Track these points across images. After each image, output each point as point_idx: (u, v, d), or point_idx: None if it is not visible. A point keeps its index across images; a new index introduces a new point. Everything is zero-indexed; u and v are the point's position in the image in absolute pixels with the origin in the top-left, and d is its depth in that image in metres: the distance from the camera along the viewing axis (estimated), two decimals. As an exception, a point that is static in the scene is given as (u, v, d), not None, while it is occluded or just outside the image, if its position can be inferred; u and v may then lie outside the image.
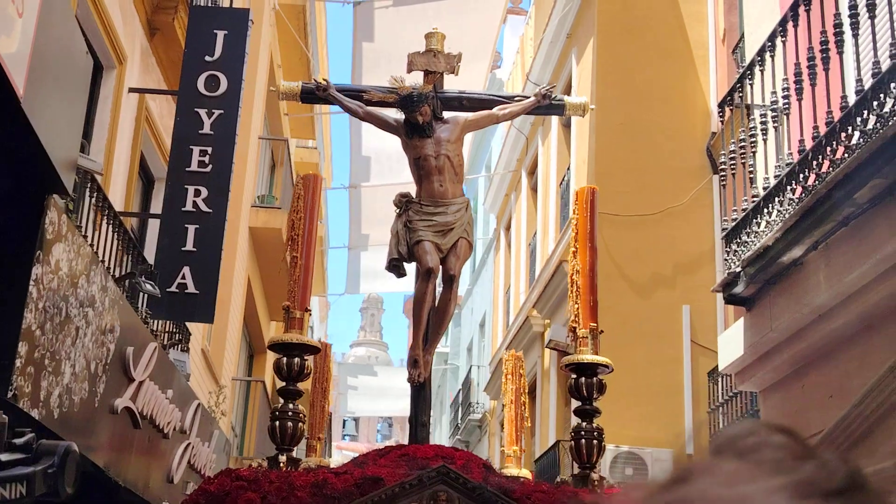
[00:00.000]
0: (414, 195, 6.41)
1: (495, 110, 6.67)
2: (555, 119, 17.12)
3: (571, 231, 5.94)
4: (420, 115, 6.26)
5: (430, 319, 6.27)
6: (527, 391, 8.22)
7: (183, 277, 8.01)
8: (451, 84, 6.80)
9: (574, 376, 5.52)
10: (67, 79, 4.19)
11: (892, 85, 4.31)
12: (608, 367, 5.47)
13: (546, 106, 6.79)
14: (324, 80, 6.80)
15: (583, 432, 5.36)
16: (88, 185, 6.41)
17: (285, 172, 15.90)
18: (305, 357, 5.35)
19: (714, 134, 13.32)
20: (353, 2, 15.10)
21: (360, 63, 15.94)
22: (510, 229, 21.66)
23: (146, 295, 6.79)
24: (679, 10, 14.54)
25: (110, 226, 7.01)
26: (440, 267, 6.20)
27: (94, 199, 6.61)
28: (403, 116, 6.37)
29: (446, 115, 6.52)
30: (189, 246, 8.12)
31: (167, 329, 8.77)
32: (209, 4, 10.09)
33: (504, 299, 21.80)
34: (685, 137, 13.90)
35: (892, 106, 4.28)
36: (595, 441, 5.37)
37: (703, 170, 13.59)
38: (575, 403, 5.69)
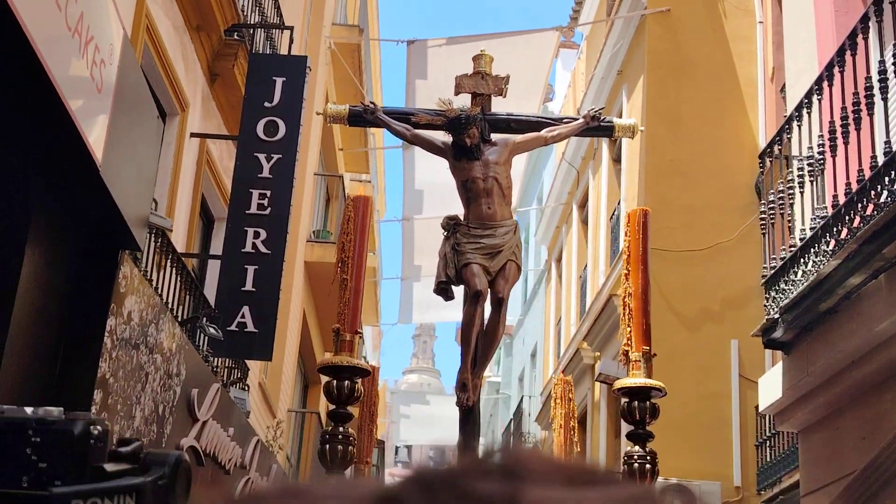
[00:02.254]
0: (462, 218, 6.39)
1: (544, 132, 6.65)
2: (605, 153, 17.34)
3: (623, 257, 5.96)
4: (468, 137, 6.24)
5: (479, 343, 6.24)
6: (576, 416, 8.27)
7: (242, 316, 8.33)
8: (499, 106, 6.78)
9: (626, 400, 5.45)
10: (140, 143, 4.53)
11: (918, 148, 4.51)
12: (661, 390, 5.39)
13: (595, 127, 6.75)
14: (371, 102, 6.85)
15: (636, 456, 5.32)
16: (154, 230, 6.76)
17: (340, 207, 16.28)
18: (356, 380, 5.34)
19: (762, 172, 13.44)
20: (406, 41, 15.43)
21: (413, 100, 16.26)
22: (561, 261, 21.84)
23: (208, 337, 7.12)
24: (728, 49, 14.72)
25: (173, 267, 7.37)
26: (489, 290, 6.15)
27: (158, 242, 6.97)
28: (451, 139, 6.37)
29: (494, 137, 6.50)
30: (248, 286, 8.45)
31: (227, 365, 9.12)
32: (268, 51, 10.50)
33: (555, 331, 21.96)
34: (734, 174, 14.04)
35: (918, 168, 4.48)
36: (648, 465, 5.31)
37: (752, 206, 13.69)
38: (626, 429, 5.67)
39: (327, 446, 5.10)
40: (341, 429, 5.19)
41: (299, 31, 12.99)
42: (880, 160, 4.91)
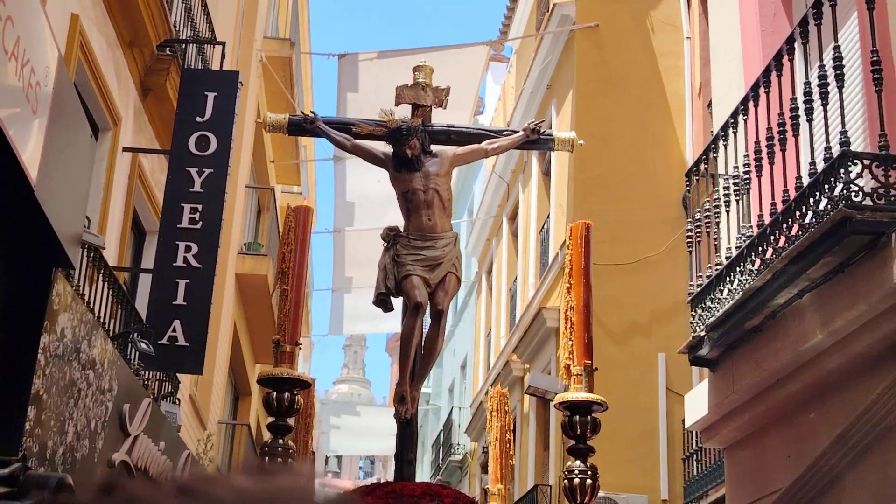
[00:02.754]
0: (402, 229, 6.34)
1: (484, 144, 6.62)
2: (535, 167, 17.52)
3: (565, 271, 5.93)
4: (409, 148, 6.21)
5: (418, 355, 6.19)
6: (512, 429, 8.28)
7: (174, 330, 8.29)
8: (434, 118, 6.71)
9: (567, 414, 5.41)
10: (74, 162, 4.51)
11: (842, 171, 4.66)
12: (602, 405, 5.37)
13: (535, 140, 6.75)
14: (311, 112, 6.74)
15: (577, 471, 5.28)
16: (87, 247, 6.70)
17: (271, 219, 16.23)
18: (296, 392, 5.26)
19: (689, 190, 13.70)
20: (337, 54, 15.45)
21: (344, 113, 16.25)
22: (491, 273, 21.99)
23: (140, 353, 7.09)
24: (656, 64, 14.98)
25: (105, 282, 7.32)
26: (428, 302, 6.13)
27: (90, 257, 6.91)
28: (392, 150, 6.32)
29: (434, 148, 6.45)
30: (180, 300, 8.41)
31: (158, 378, 9.06)
32: (200, 65, 10.46)
33: (485, 342, 22.09)
34: (661, 188, 14.28)
35: (841, 190, 4.63)
36: (589, 480, 5.30)
37: (680, 220, 13.94)
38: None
39: (266, 459, 5.06)
40: (281, 441, 5.17)
41: (231, 46, 12.94)
42: (805, 181, 5.06)
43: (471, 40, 15.73)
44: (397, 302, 6.38)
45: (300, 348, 5.48)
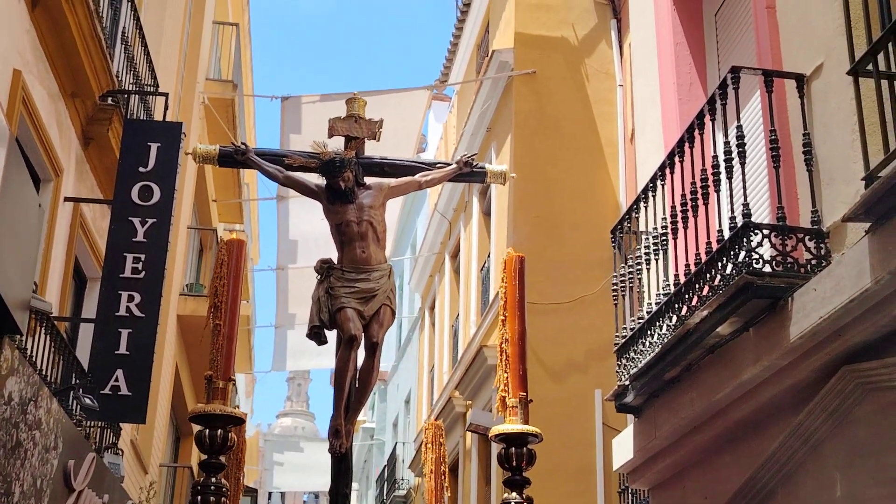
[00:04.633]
0: (335, 261, 6.34)
1: (417, 177, 6.66)
2: (476, 206, 17.85)
3: (500, 303, 5.90)
4: (342, 180, 6.23)
5: (353, 388, 6.18)
6: (446, 461, 8.38)
7: (116, 380, 8.39)
8: (373, 153, 6.77)
9: (503, 446, 5.39)
10: (22, 231, 4.71)
11: (745, 239, 5.03)
12: (538, 436, 5.37)
13: (468, 173, 6.80)
14: (242, 143, 6.70)
15: (513, 503, 5.26)
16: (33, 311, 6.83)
17: (213, 259, 16.33)
18: (229, 428, 5.09)
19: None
20: (280, 97, 15.68)
21: (287, 154, 16.51)
22: (434, 309, 22.23)
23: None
24: (591, 110, 15.40)
25: (47, 334, 7.45)
26: (363, 334, 6.11)
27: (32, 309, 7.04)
28: (325, 182, 6.32)
29: (368, 180, 6.46)
30: (122, 349, 8.51)
31: (100, 425, 9.15)
32: (143, 113, 10.65)
33: (428, 377, 22.30)
34: (597, 229, 14.62)
35: (744, 257, 4.99)
36: None
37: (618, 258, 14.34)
38: (498, 476, 5.62)
39: (199, 498, 4.91)
40: (213, 479, 5.01)
41: (173, 88, 13.14)
42: (714, 246, 5.42)
43: (413, 81, 16.12)
44: (332, 335, 6.32)
45: (233, 383, 5.34)
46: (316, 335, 6.29)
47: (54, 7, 7.75)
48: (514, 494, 5.31)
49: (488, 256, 16.81)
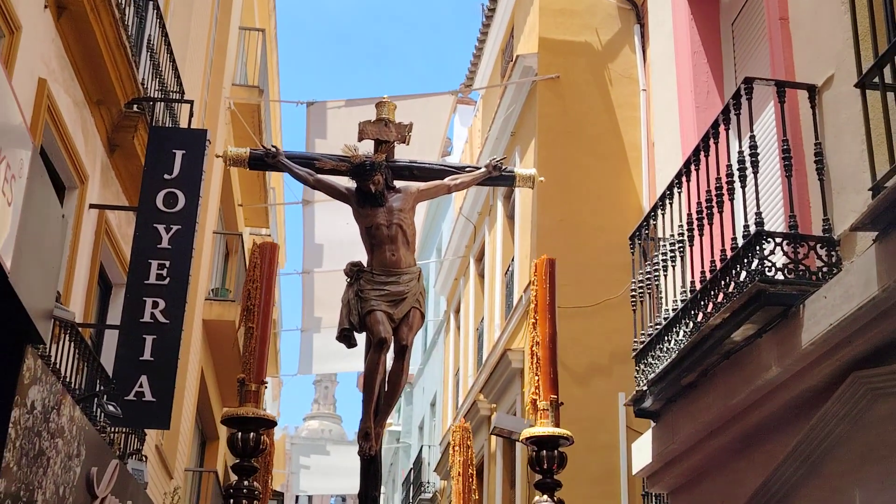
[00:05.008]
0: (365, 264, 6.34)
1: (447, 180, 6.68)
2: (500, 210, 17.91)
3: (531, 306, 5.91)
4: (372, 183, 6.25)
5: (382, 391, 6.18)
6: (474, 463, 8.36)
7: (140, 386, 8.48)
8: (401, 156, 6.79)
9: (534, 449, 5.40)
10: (46, 243, 4.81)
11: (757, 248, 5.07)
12: (569, 439, 5.39)
13: (497, 177, 6.83)
14: (273, 146, 6.74)
15: None
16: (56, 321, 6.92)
17: (239, 263, 16.47)
18: (261, 431, 5.16)
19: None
20: (306, 102, 15.79)
21: (313, 159, 16.60)
22: (459, 313, 22.29)
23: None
24: (614, 115, 15.43)
25: (71, 341, 7.56)
26: (392, 337, 6.11)
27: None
28: (355, 185, 6.36)
29: (398, 184, 6.49)
30: (147, 355, 8.60)
31: (124, 431, 9.26)
32: (168, 120, 10.77)
33: (454, 381, 22.36)
34: (620, 233, 14.59)
35: (757, 265, 5.03)
36: None
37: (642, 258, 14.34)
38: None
39: (231, 501, 4.96)
40: (246, 483, 5.07)
41: (199, 94, 13.27)
42: (728, 253, 5.46)
43: (438, 85, 16.16)
44: (361, 337, 6.33)
45: (265, 387, 5.37)
46: (346, 338, 6.32)
47: (80, 16, 7.86)
48: (545, 497, 5.29)
49: (512, 260, 16.86)
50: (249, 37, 17.54)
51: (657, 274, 6.69)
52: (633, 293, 7.06)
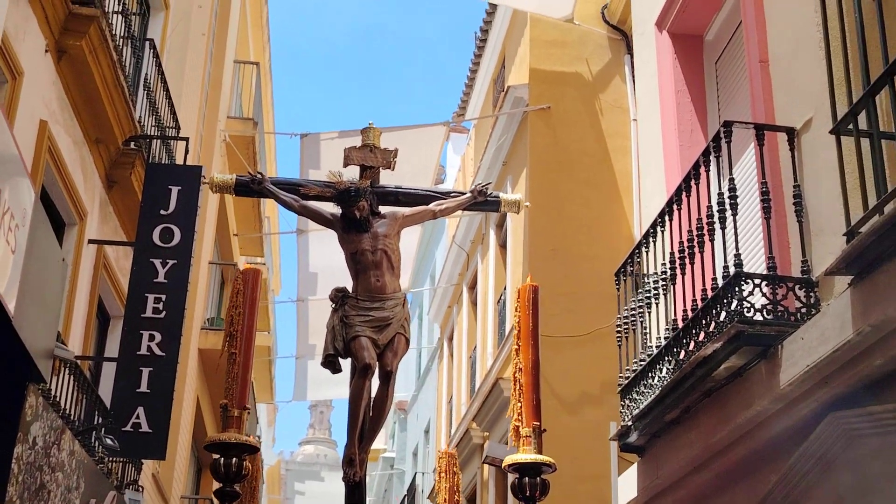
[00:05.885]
0: (350, 290, 6.36)
1: (432, 206, 6.71)
2: (492, 239, 18.07)
3: (513, 333, 5.92)
4: (357, 209, 6.27)
5: (367, 417, 6.20)
6: (461, 490, 8.36)
7: (137, 417, 8.63)
8: (394, 181, 6.81)
9: (516, 476, 5.38)
10: (47, 287, 4.98)
11: (737, 288, 5.23)
12: (552, 466, 5.38)
13: (482, 202, 6.86)
14: (259, 172, 6.76)
15: None
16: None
17: (233, 292, 16.59)
18: (243, 457, 5.14)
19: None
20: (299, 134, 15.97)
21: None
22: (452, 340, 22.40)
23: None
24: (605, 144, 15.60)
25: (71, 374, 7.73)
26: (377, 363, 6.13)
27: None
28: (340, 211, 6.38)
29: (383, 209, 6.49)
30: (143, 387, 8.76)
31: (121, 460, 9.41)
32: (165, 156, 10.96)
33: (447, 408, 22.46)
34: (611, 262, 14.71)
35: (736, 306, 5.19)
36: None
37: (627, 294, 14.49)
38: None
39: None
40: None
41: (195, 126, 13.46)
42: (710, 293, 5.62)
43: (430, 113, 16.36)
44: (346, 363, 6.33)
45: (248, 412, 5.37)
46: (330, 363, 6.33)
47: (79, 59, 8.07)
48: (529, 525, 5.12)
49: (504, 289, 16.99)
50: (244, 70, 17.76)
51: (641, 311, 6.85)
52: (619, 329, 7.22)
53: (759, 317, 5.12)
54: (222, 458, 5.12)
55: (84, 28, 7.74)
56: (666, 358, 6.13)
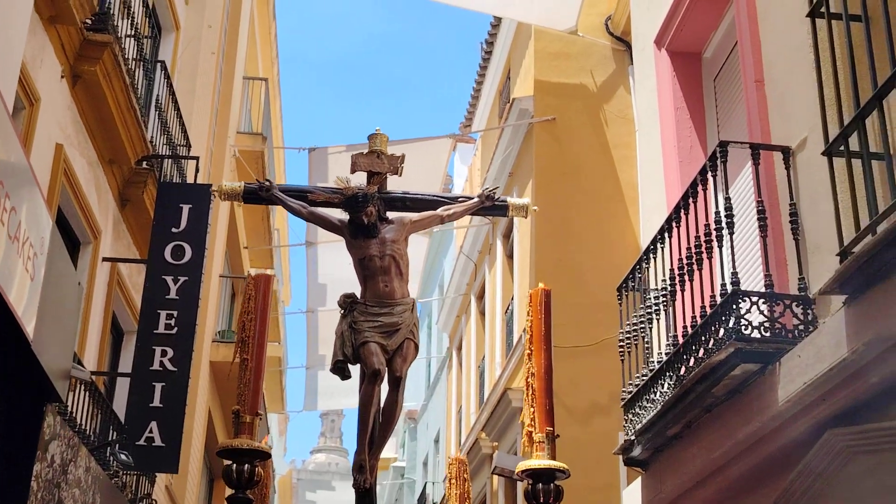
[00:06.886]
0: (359, 296, 6.38)
1: (439, 211, 6.73)
2: (499, 249, 18.20)
3: (525, 337, 5.92)
4: (365, 215, 6.30)
5: (376, 423, 6.20)
6: (470, 497, 8.42)
7: (150, 431, 8.81)
8: (401, 189, 6.88)
9: (530, 482, 5.37)
10: (64, 310, 5.14)
11: (734, 305, 5.35)
12: (565, 472, 5.38)
13: (490, 207, 6.91)
14: (267, 180, 6.83)
15: None
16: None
17: (244, 303, 16.75)
18: (255, 463, 5.20)
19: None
20: (308, 148, 16.15)
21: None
22: (461, 350, 22.52)
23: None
24: (610, 155, 15.73)
25: (87, 391, 7.91)
26: (386, 369, 6.14)
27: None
28: (348, 217, 6.44)
29: (390, 215, 6.55)
30: (156, 402, 8.94)
31: (135, 473, 9.58)
32: (176, 174, 11.15)
33: (457, 417, 22.57)
34: (617, 272, 14.79)
35: (734, 323, 5.32)
36: None
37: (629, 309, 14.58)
38: None
39: None
40: None
41: (205, 143, 13.65)
42: (708, 310, 5.75)
43: (437, 124, 16.48)
44: (355, 369, 6.37)
45: (260, 418, 5.36)
46: (339, 370, 6.36)
47: (93, 83, 8.26)
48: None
49: (512, 299, 17.11)
50: (253, 86, 17.95)
51: (643, 326, 6.97)
52: (621, 343, 7.34)
53: (756, 334, 5.24)
54: (234, 465, 5.18)
55: (98, 54, 7.94)
56: (668, 373, 6.25)
